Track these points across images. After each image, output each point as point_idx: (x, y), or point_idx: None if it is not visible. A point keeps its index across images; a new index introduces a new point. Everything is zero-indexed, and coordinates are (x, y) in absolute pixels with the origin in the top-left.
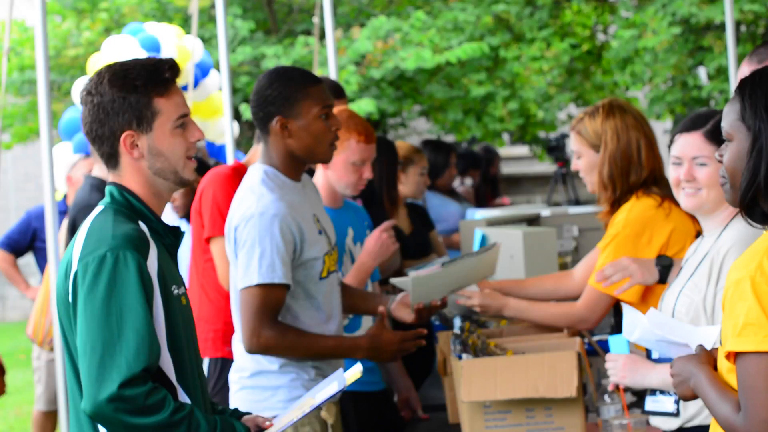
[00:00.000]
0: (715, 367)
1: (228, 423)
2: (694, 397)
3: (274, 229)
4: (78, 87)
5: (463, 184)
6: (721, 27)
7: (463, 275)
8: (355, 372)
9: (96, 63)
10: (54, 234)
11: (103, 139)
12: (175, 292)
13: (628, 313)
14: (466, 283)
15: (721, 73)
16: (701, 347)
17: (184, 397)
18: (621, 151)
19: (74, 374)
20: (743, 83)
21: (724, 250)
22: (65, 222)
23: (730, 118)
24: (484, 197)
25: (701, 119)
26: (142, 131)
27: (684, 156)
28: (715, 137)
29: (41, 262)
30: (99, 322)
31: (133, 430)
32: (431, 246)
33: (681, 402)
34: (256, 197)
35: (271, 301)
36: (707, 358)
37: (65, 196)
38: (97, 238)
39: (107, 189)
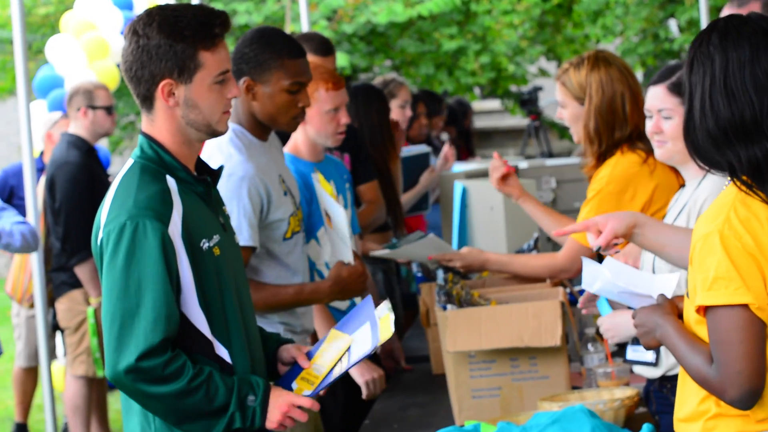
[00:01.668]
0: (679, 317)
1: (245, 382)
2: (659, 347)
3: (242, 191)
4: (51, 44)
5: (439, 138)
6: None
7: (414, 254)
8: (386, 313)
9: (68, 21)
10: (32, 191)
11: (141, 81)
12: (205, 246)
13: (588, 265)
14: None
15: (692, 25)
16: (663, 296)
17: (221, 350)
18: (606, 105)
19: None
20: (693, 40)
21: (702, 199)
22: (42, 179)
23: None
24: (458, 151)
25: (668, 72)
26: (181, 81)
27: (652, 108)
28: (678, 89)
29: None
30: (119, 293)
31: (151, 398)
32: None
33: (661, 351)
34: (224, 157)
35: None
36: (671, 307)
37: (42, 154)
38: (120, 202)
39: (139, 140)
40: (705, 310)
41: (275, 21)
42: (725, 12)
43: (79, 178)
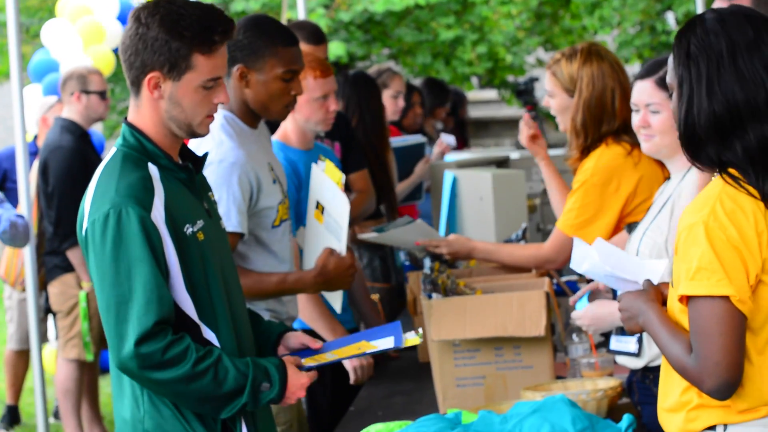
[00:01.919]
0: (663, 304)
1: (260, 367)
2: (642, 330)
3: (232, 178)
4: (47, 28)
5: (434, 128)
6: None
7: (402, 239)
8: (415, 337)
9: (65, 5)
10: (25, 175)
11: (133, 68)
12: (189, 231)
13: (578, 246)
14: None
15: (690, 17)
16: (649, 282)
17: (208, 334)
18: (595, 99)
19: None
20: (679, 33)
21: (686, 192)
22: (36, 163)
23: (669, 69)
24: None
25: (655, 66)
26: (170, 77)
27: (639, 103)
28: (666, 84)
29: (12, 202)
30: (110, 281)
31: (156, 384)
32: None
33: (644, 342)
34: (215, 143)
35: None
36: (656, 294)
37: (35, 138)
38: (102, 191)
39: (122, 128)
40: (687, 300)
41: (272, 8)
42: (716, 3)
43: (71, 163)
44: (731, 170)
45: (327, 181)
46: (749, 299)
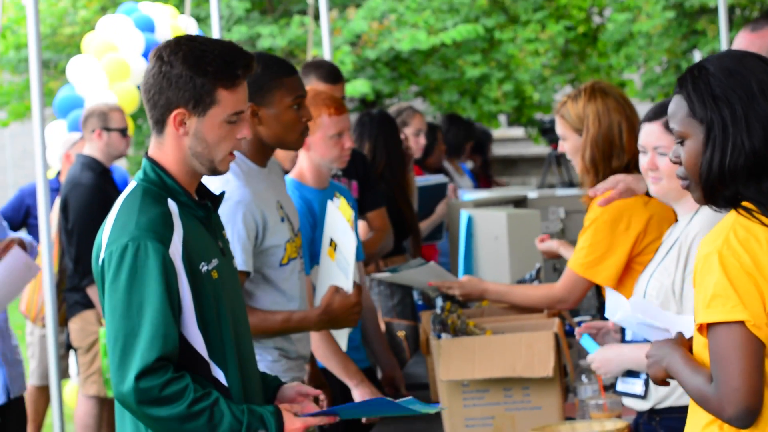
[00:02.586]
0: (690, 351)
1: (256, 413)
2: (665, 378)
3: (237, 216)
4: (72, 65)
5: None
6: (715, 11)
7: (415, 279)
8: (430, 408)
9: (90, 42)
10: (45, 211)
11: (157, 105)
12: (204, 269)
13: (611, 295)
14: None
15: None
16: (679, 333)
17: (217, 372)
18: (603, 135)
19: None
20: (682, 81)
21: (692, 235)
22: (57, 200)
23: (678, 118)
24: (478, 179)
25: (663, 108)
26: (195, 113)
27: (647, 145)
28: None
29: (34, 238)
30: (121, 313)
31: (152, 421)
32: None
33: (650, 385)
34: (221, 182)
35: None
36: (682, 341)
37: (58, 174)
38: (122, 223)
39: (143, 163)
40: (706, 329)
41: (298, 45)
42: (740, 37)
43: (92, 200)
44: (745, 203)
45: (340, 219)
46: (765, 325)
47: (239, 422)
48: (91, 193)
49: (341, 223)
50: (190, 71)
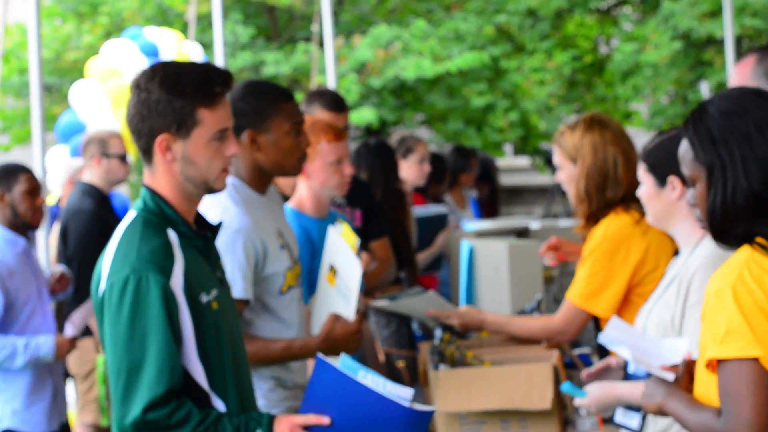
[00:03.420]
0: (691, 380)
1: (252, 418)
2: (659, 411)
3: (237, 244)
4: (75, 90)
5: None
6: (722, 42)
7: (413, 309)
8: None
9: (94, 67)
10: (45, 237)
11: (141, 134)
12: (204, 300)
13: (614, 324)
14: (422, 314)
15: (722, 87)
16: (676, 377)
17: (217, 403)
18: (597, 167)
19: None
20: (686, 124)
21: (693, 269)
22: (56, 226)
23: (686, 162)
24: (483, 209)
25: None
26: (179, 136)
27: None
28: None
29: None
30: (123, 346)
31: None
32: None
33: (647, 419)
34: (221, 210)
35: None
36: (680, 382)
37: (59, 200)
38: (124, 254)
39: (141, 192)
40: (716, 364)
41: (303, 73)
42: (747, 61)
43: (91, 227)
44: (758, 239)
45: (342, 245)
46: None
47: (236, 429)
48: (91, 221)
49: (344, 249)
50: (168, 95)
